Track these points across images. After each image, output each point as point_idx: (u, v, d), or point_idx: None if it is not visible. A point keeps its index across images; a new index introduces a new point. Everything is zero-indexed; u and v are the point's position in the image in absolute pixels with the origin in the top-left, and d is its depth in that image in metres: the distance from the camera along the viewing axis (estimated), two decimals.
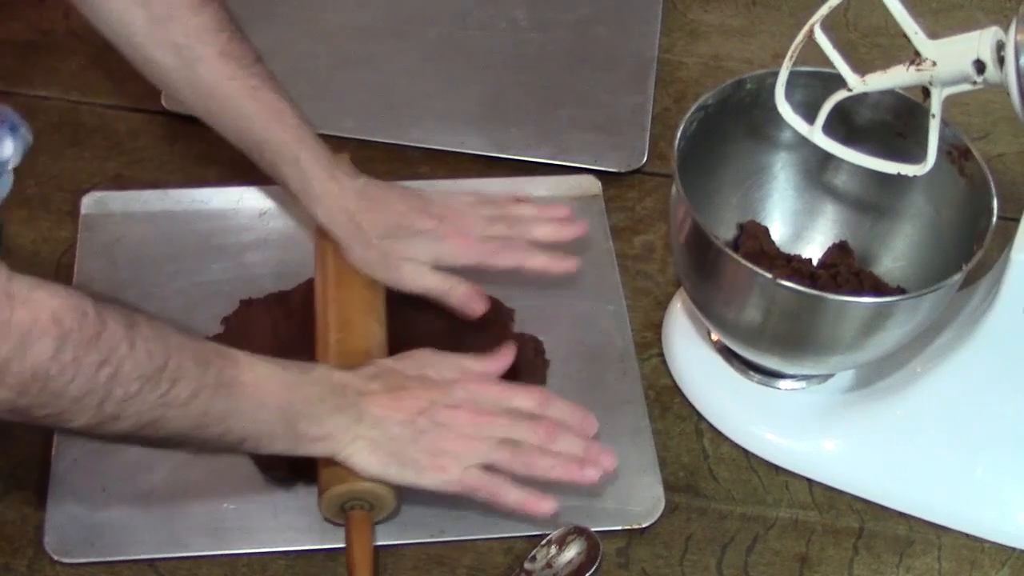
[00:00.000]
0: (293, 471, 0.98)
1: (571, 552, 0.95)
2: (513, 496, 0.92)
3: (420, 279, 1.05)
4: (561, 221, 1.09)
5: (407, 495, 0.97)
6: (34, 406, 0.78)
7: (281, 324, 1.07)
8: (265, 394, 0.87)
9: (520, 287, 1.12)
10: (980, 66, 0.86)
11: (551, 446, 0.93)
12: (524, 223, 1.07)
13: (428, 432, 0.91)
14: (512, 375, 1.05)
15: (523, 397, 0.95)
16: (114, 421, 0.80)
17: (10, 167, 0.71)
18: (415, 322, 1.08)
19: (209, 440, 0.86)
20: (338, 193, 1.05)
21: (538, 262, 1.06)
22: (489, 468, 0.92)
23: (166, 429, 0.83)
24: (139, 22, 1.02)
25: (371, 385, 0.92)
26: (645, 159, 1.24)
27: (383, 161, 1.23)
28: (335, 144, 1.23)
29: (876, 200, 1.07)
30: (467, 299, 1.05)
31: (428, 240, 1.05)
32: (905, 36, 0.89)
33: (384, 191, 1.07)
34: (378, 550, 0.96)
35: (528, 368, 1.06)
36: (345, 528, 0.94)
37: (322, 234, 1.07)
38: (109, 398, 0.79)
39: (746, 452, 1.04)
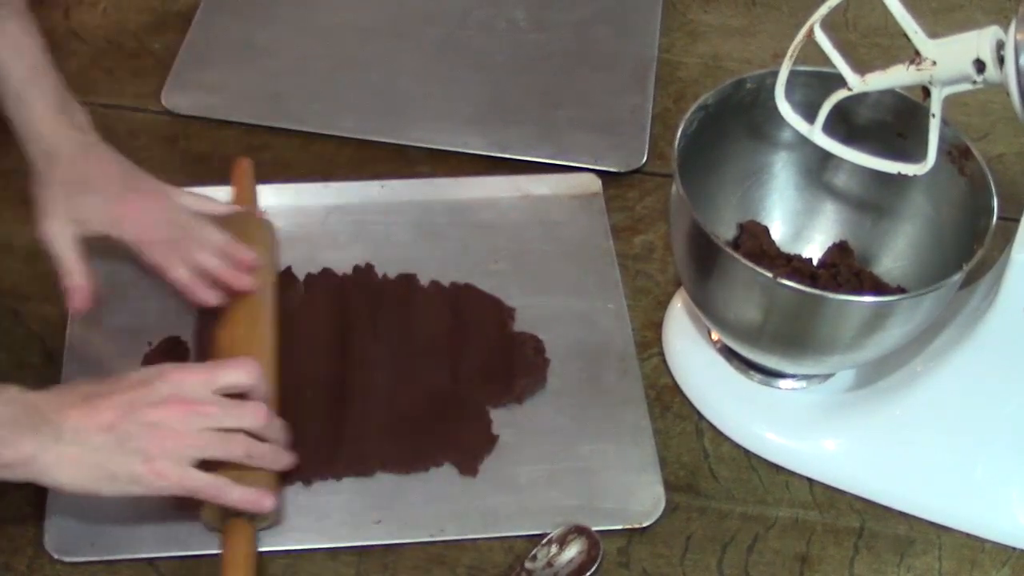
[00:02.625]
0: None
1: (572, 551, 0.95)
2: (235, 495, 0.89)
3: (60, 242, 1.01)
4: (237, 264, 1.05)
5: (408, 495, 0.97)
6: None
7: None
8: None
9: (520, 287, 1.12)
10: (980, 66, 0.86)
11: (267, 428, 0.91)
12: (198, 240, 1.04)
13: (135, 436, 0.86)
14: (512, 374, 1.05)
15: (230, 373, 0.90)
16: None
17: None
18: (416, 323, 1.08)
19: None
20: (50, 135, 1.02)
21: (181, 277, 1.03)
22: (207, 462, 0.88)
23: None
24: None
25: (66, 398, 0.87)
26: (645, 159, 1.24)
27: (383, 161, 1.23)
28: (335, 144, 1.25)
29: (876, 200, 1.07)
30: (72, 291, 1.01)
31: (103, 200, 1.02)
32: (905, 36, 0.89)
33: (95, 149, 1.04)
34: (378, 550, 0.96)
35: (528, 367, 1.06)
36: (223, 536, 0.92)
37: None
38: None
39: (746, 451, 1.04)
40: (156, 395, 0.88)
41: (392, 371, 1.05)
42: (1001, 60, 0.85)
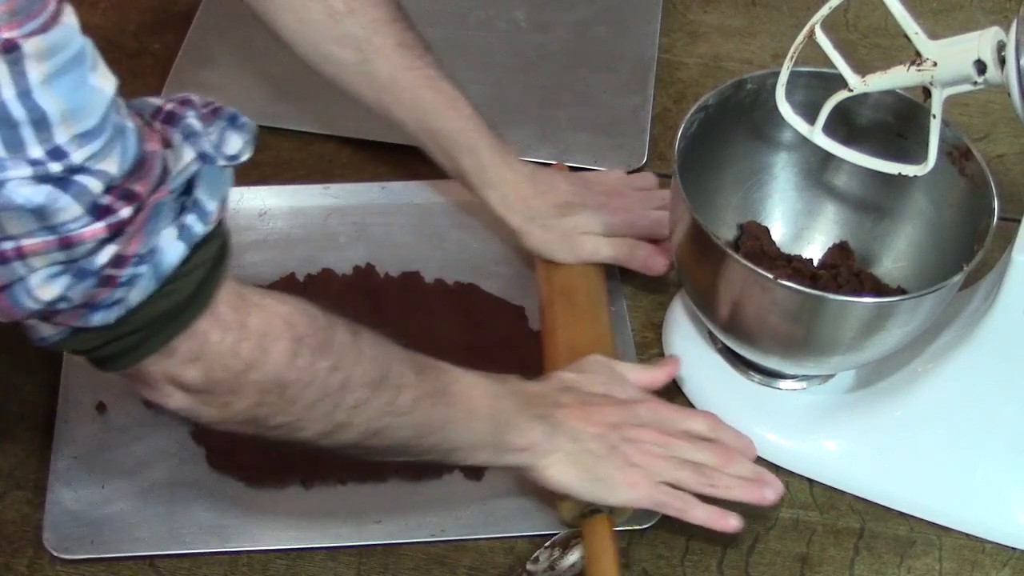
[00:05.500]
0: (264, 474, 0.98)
1: (574, 556, 0.94)
2: (700, 512, 0.93)
3: (600, 249, 1.09)
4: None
5: (409, 495, 0.98)
6: (271, 415, 0.78)
7: None
8: (474, 403, 0.88)
9: (521, 288, 1.12)
10: (981, 66, 0.86)
11: (727, 468, 0.94)
12: (652, 194, 1.12)
13: (619, 448, 0.92)
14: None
15: (697, 420, 0.96)
16: (343, 430, 0.81)
17: (242, 159, 0.72)
18: (425, 323, 1.08)
19: (426, 450, 0.86)
20: (512, 179, 1.07)
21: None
22: (673, 484, 0.93)
23: (391, 438, 0.84)
24: (317, 18, 1.02)
25: (564, 398, 0.93)
26: (645, 159, 1.24)
27: (383, 161, 1.23)
28: (335, 144, 1.25)
29: (877, 200, 1.07)
30: (648, 258, 1.09)
31: (599, 214, 1.08)
32: (905, 36, 0.89)
33: (551, 175, 1.10)
34: (378, 550, 0.96)
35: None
36: (584, 532, 0.94)
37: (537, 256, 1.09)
38: (340, 405, 0.80)
39: None
40: (637, 418, 0.94)
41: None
42: (1002, 61, 0.85)
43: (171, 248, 0.69)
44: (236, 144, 0.72)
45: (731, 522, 0.93)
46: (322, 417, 0.80)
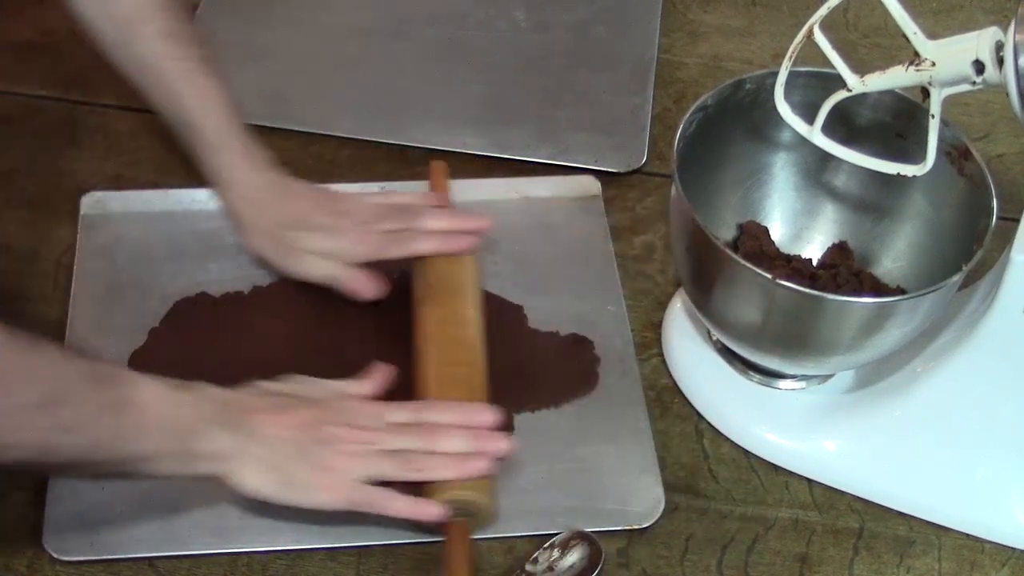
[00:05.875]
0: None
1: (573, 557, 0.94)
2: (400, 505, 0.92)
3: (312, 268, 1.07)
4: (455, 214, 1.10)
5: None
6: None
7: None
8: (155, 411, 0.87)
9: (520, 288, 1.12)
10: (979, 67, 0.86)
11: (435, 447, 0.93)
12: (419, 215, 1.08)
13: (312, 451, 0.91)
14: (553, 377, 1.06)
15: (399, 411, 0.95)
16: (8, 450, 0.80)
17: None
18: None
19: (105, 463, 0.86)
20: (248, 182, 1.07)
21: (429, 245, 1.06)
22: (377, 481, 0.92)
23: (61, 455, 0.83)
24: None
25: (256, 403, 0.92)
26: (645, 159, 1.24)
27: (383, 161, 1.23)
28: (335, 144, 1.25)
29: (876, 200, 1.07)
30: (354, 283, 1.06)
31: (326, 234, 1.07)
32: (904, 36, 0.89)
33: (293, 185, 1.09)
34: (378, 550, 0.96)
35: (582, 373, 1.07)
36: (446, 537, 0.94)
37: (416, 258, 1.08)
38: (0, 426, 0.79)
39: (746, 452, 1.04)
40: (333, 417, 0.93)
41: (399, 374, 1.04)
42: (1000, 61, 0.85)
43: None
44: None
45: (429, 510, 0.92)
46: None
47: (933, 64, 0.88)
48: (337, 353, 1.05)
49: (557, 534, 0.96)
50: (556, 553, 0.95)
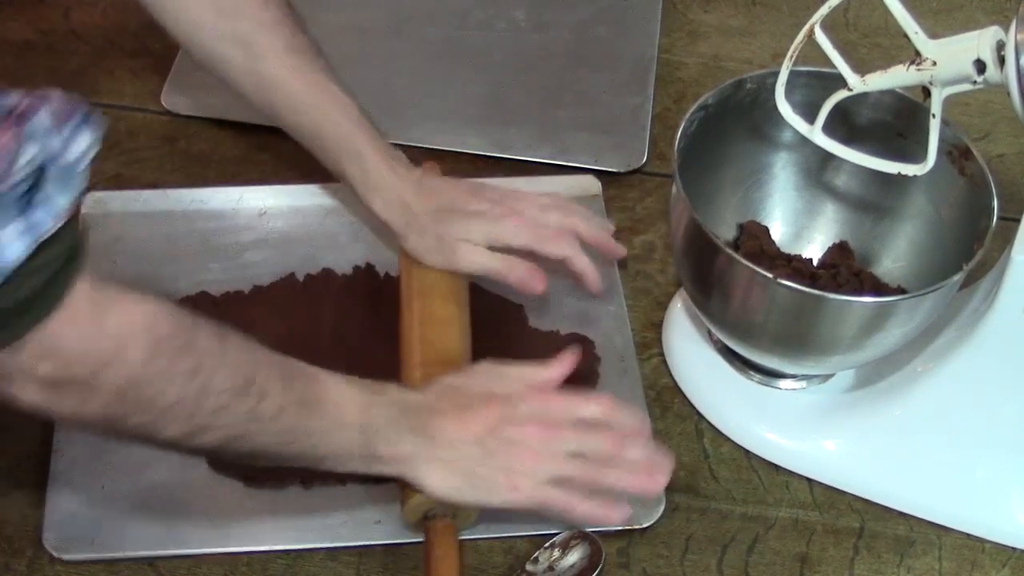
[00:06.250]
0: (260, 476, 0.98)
1: (574, 556, 0.95)
2: (584, 507, 0.91)
3: (476, 259, 1.05)
4: (605, 230, 1.09)
5: None
6: (128, 414, 0.77)
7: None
8: (345, 413, 0.87)
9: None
10: (980, 66, 0.86)
11: (623, 454, 0.92)
12: (575, 215, 1.07)
13: (498, 451, 0.90)
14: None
15: (589, 406, 0.94)
16: (203, 433, 0.80)
17: (88, 157, 0.72)
18: None
19: (292, 456, 0.86)
20: (395, 184, 1.05)
21: (582, 263, 1.05)
22: (560, 481, 0.91)
23: (252, 443, 0.83)
24: (208, 17, 1.03)
25: (440, 405, 0.92)
26: (645, 159, 1.24)
27: None
28: None
29: (876, 200, 1.07)
30: (527, 277, 1.04)
31: (482, 221, 1.05)
32: (905, 36, 0.89)
33: (440, 181, 1.08)
34: (378, 550, 0.96)
35: (584, 372, 1.05)
36: (426, 538, 0.94)
37: (403, 254, 1.07)
38: (200, 409, 0.79)
39: (746, 452, 1.04)
40: (519, 414, 0.92)
41: (399, 374, 1.04)
42: (1002, 60, 0.85)
43: (14, 243, 0.69)
44: (83, 143, 0.72)
45: (616, 514, 0.91)
46: (181, 419, 0.79)
47: (934, 63, 0.88)
48: (336, 352, 1.05)
49: (557, 534, 0.96)
50: (556, 553, 0.95)
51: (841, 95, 0.94)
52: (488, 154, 1.24)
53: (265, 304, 1.09)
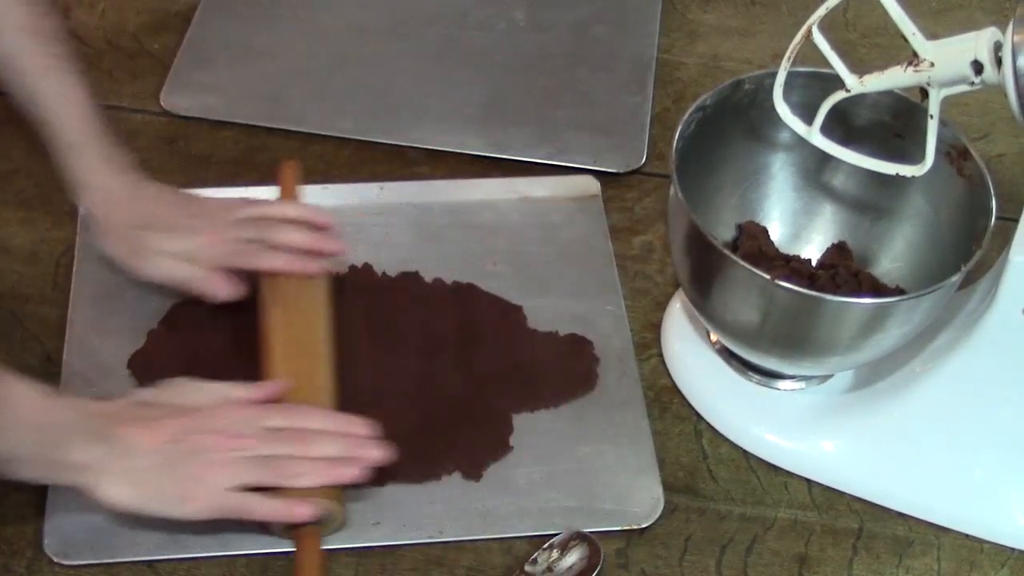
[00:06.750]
0: None
1: (572, 557, 0.95)
2: (264, 508, 0.92)
3: (164, 269, 1.05)
4: (319, 230, 1.08)
5: (406, 497, 0.98)
6: None
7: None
8: (21, 413, 0.87)
9: (519, 288, 1.12)
10: (978, 67, 0.86)
11: (308, 452, 0.93)
12: (275, 227, 1.06)
13: (179, 462, 0.91)
14: (550, 378, 1.06)
15: (275, 415, 0.95)
16: None
17: None
18: (430, 322, 1.08)
19: None
20: (104, 184, 1.06)
21: (276, 263, 1.04)
22: (244, 487, 0.91)
23: None
24: None
25: (124, 415, 0.92)
26: (644, 159, 1.24)
27: (383, 161, 1.23)
28: (334, 144, 1.25)
29: (874, 201, 1.07)
30: (206, 284, 1.05)
31: (178, 235, 1.05)
32: (903, 37, 0.89)
33: (148, 188, 1.08)
34: (376, 551, 0.96)
35: (581, 374, 1.07)
36: (296, 545, 0.94)
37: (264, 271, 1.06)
38: None
39: (745, 452, 1.04)
40: (203, 426, 0.92)
41: (397, 375, 1.04)
42: (999, 61, 0.85)
43: None
44: None
45: (299, 510, 0.92)
46: None
47: (932, 64, 0.88)
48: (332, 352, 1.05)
49: (556, 535, 0.96)
50: (555, 554, 0.95)
51: (839, 96, 0.94)
52: (487, 154, 1.24)
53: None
